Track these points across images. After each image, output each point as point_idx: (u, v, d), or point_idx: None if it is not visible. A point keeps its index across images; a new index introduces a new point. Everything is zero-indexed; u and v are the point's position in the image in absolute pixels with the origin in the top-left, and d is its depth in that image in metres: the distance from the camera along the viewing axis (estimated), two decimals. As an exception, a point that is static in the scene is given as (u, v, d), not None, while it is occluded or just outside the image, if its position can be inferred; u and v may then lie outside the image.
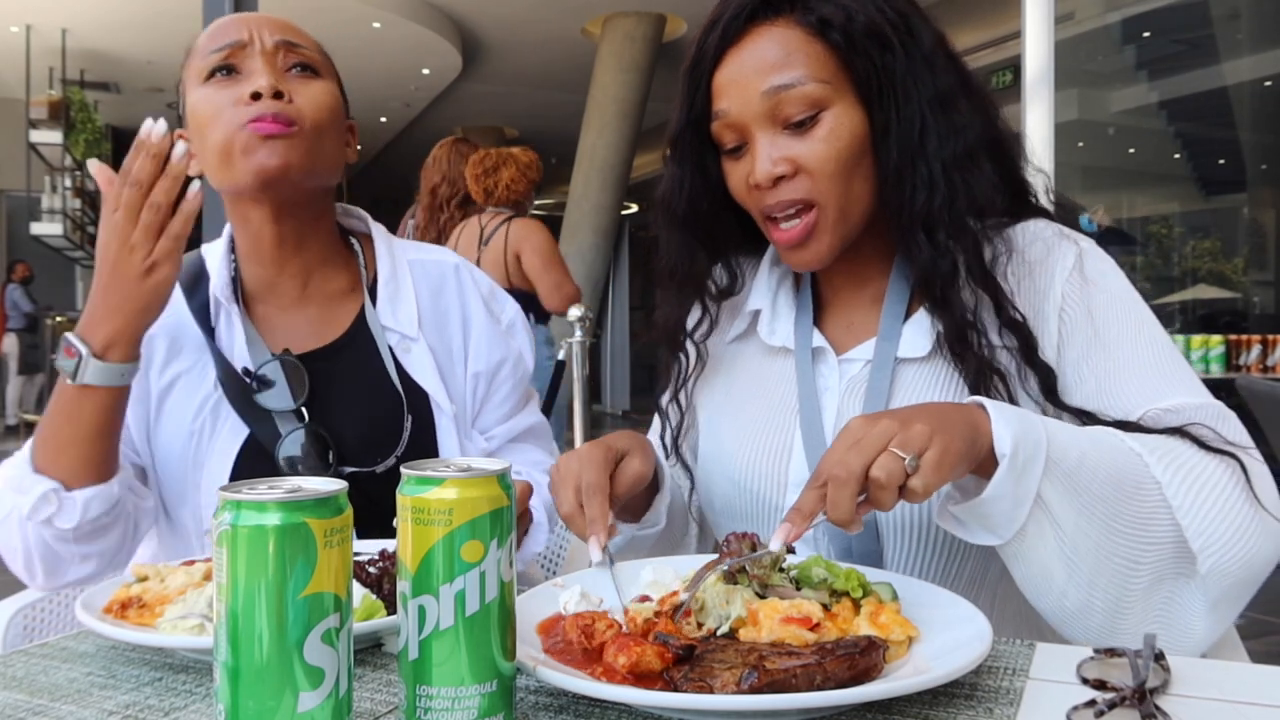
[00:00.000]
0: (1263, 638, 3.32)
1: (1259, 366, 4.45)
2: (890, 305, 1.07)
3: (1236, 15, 6.95)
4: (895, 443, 0.76)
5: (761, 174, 1.00)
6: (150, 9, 9.36)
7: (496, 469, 0.63)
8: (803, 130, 0.99)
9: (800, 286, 1.17)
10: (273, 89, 1.14)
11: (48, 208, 10.89)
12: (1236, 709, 0.67)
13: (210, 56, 1.17)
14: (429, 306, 1.29)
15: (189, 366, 1.21)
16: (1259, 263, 7.86)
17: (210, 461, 1.17)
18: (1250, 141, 7.35)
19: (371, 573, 0.88)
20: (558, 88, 11.15)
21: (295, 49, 1.19)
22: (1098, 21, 6.75)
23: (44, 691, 0.73)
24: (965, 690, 0.69)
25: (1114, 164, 7.98)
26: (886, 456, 0.76)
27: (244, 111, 1.13)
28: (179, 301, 1.23)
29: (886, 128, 0.99)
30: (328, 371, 1.22)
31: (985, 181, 1.01)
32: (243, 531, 0.55)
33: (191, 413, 1.19)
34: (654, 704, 0.65)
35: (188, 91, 1.20)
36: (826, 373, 1.09)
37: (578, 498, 0.91)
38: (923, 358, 1.03)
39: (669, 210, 1.12)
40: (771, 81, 0.99)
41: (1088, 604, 0.86)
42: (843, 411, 1.06)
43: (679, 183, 1.10)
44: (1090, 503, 0.83)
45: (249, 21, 1.19)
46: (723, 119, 1.02)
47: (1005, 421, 0.81)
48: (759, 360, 1.16)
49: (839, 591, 0.79)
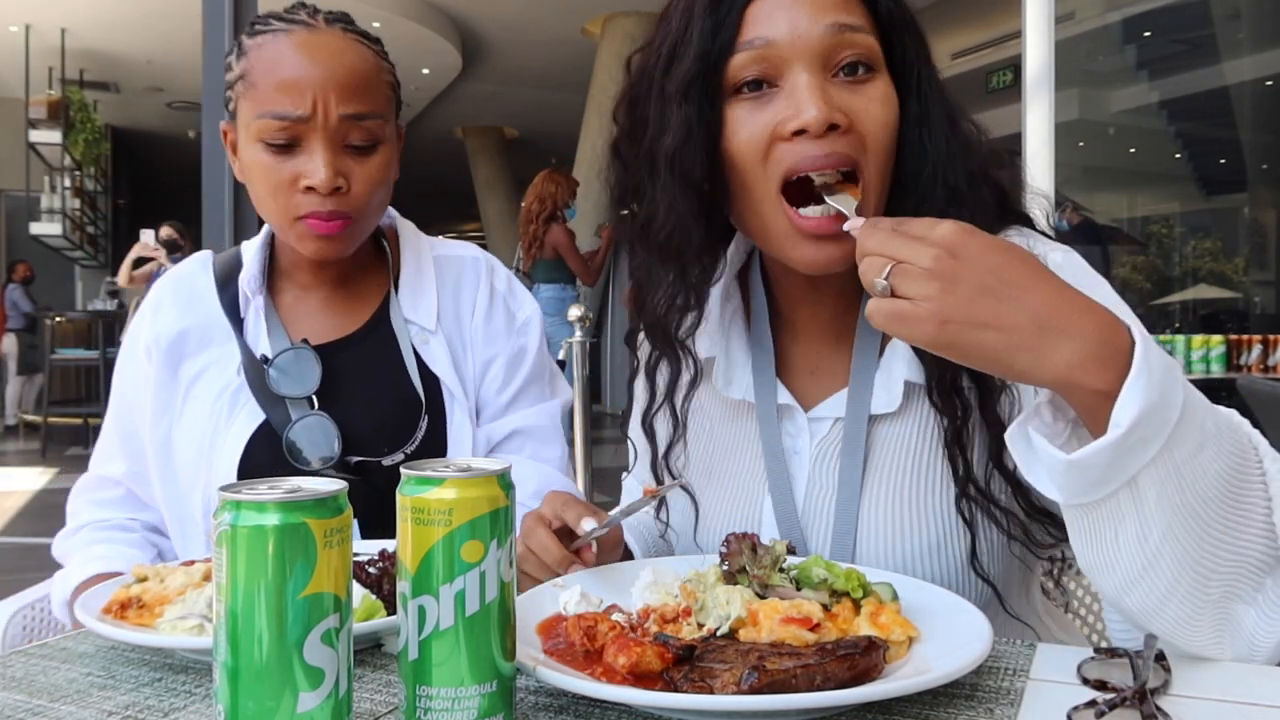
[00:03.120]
0: (1263, 638, 3.30)
1: (1259, 366, 4.45)
2: (862, 348, 0.96)
3: (1237, 15, 6.95)
4: (912, 270, 0.67)
5: (816, 115, 0.82)
6: (150, 9, 9.35)
7: (496, 469, 0.63)
8: (856, 83, 0.86)
9: (753, 327, 1.03)
10: (331, 185, 1.13)
11: (47, 207, 10.88)
12: (1236, 709, 0.67)
13: (270, 122, 1.13)
14: (449, 299, 1.31)
15: (217, 358, 1.25)
16: (1259, 263, 7.86)
17: (224, 444, 1.20)
18: (1251, 141, 7.34)
19: (371, 573, 0.88)
20: (558, 88, 11.14)
21: (359, 123, 1.15)
22: (1098, 21, 6.75)
23: (43, 692, 0.73)
24: (965, 690, 0.69)
25: (1114, 164, 7.98)
26: (890, 267, 0.67)
27: (300, 201, 1.15)
28: (210, 295, 1.28)
29: (920, 121, 0.90)
30: (347, 361, 1.25)
31: (990, 204, 0.94)
32: (242, 531, 0.55)
33: (212, 398, 1.23)
34: (654, 704, 0.65)
35: (241, 123, 1.18)
36: (795, 433, 0.99)
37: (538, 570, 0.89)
38: (894, 413, 0.94)
39: (678, 163, 0.90)
40: (835, 17, 0.85)
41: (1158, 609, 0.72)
42: (814, 478, 0.97)
43: (688, 130, 0.89)
44: (1190, 500, 0.68)
45: (315, 87, 1.13)
46: (758, 48, 0.85)
47: (1142, 385, 0.64)
48: (718, 415, 1.05)
49: (839, 591, 0.78)
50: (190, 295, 1.30)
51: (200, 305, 1.28)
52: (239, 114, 1.19)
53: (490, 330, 1.31)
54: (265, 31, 1.17)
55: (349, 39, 1.18)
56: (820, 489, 0.98)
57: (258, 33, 1.18)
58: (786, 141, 0.85)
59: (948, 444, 0.91)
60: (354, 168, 1.17)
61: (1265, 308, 7.72)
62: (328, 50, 1.15)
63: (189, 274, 1.33)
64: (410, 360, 1.25)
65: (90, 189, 11.76)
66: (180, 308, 1.29)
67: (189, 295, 1.30)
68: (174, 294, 1.31)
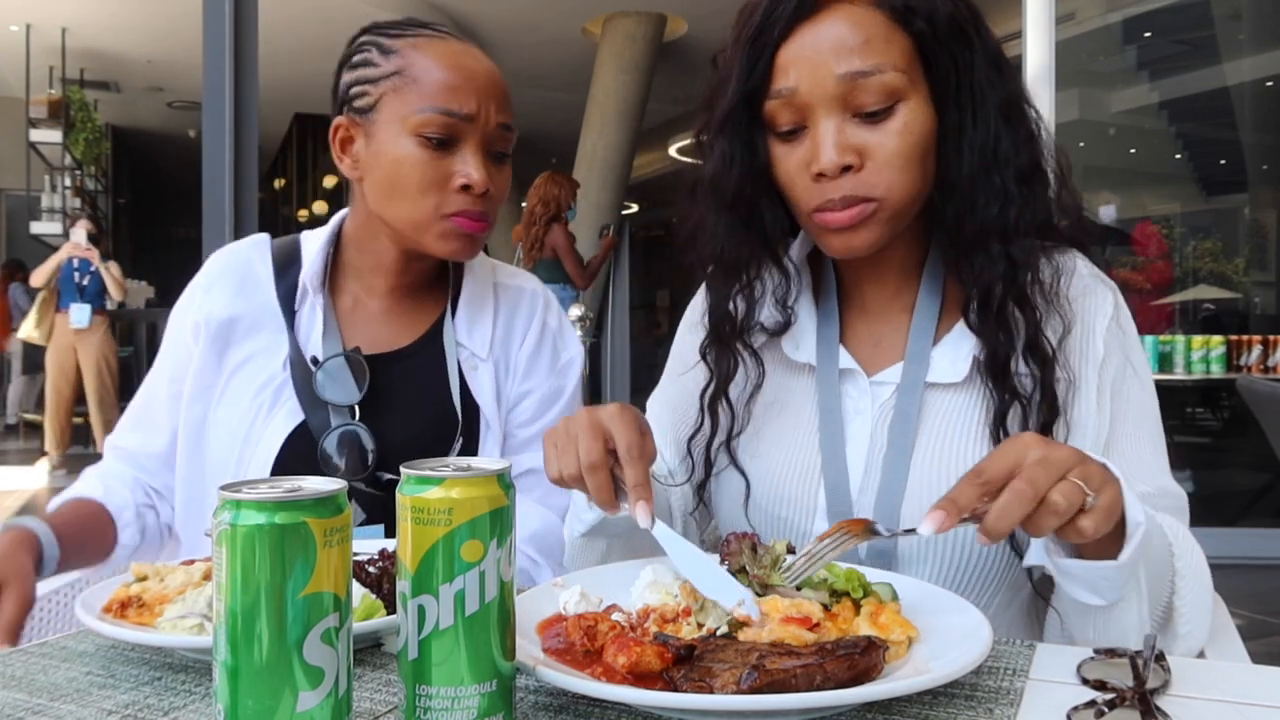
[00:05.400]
0: (1263, 638, 3.31)
1: (1259, 367, 4.46)
2: (919, 322, 1.03)
3: (1238, 15, 6.95)
4: (1077, 474, 0.72)
5: (828, 162, 0.93)
6: (150, 9, 9.34)
7: (496, 468, 0.63)
8: (875, 121, 0.93)
9: (822, 296, 1.10)
10: (485, 185, 1.16)
11: (47, 207, 10.87)
12: (1236, 709, 0.67)
13: (435, 116, 1.14)
14: (502, 328, 1.32)
15: (264, 347, 1.24)
16: (1260, 263, 7.86)
17: (261, 441, 1.20)
18: (1251, 142, 7.34)
19: (371, 572, 0.88)
20: (558, 88, 11.13)
21: (507, 134, 1.20)
22: (1098, 22, 6.74)
23: (43, 691, 0.73)
24: (965, 690, 0.69)
25: (1115, 164, 7.97)
26: (1069, 484, 0.72)
27: (452, 199, 1.16)
28: (267, 283, 1.27)
29: (960, 129, 0.95)
30: (393, 375, 1.24)
31: (1047, 198, 0.98)
32: (242, 531, 0.55)
33: (255, 389, 1.22)
34: (654, 704, 0.65)
35: (386, 118, 1.17)
36: (857, 395, 1.04)
37: (604, 453, 0.84)
38: (957, 384, 1.00)
39: (719, 191, 1.02)
40: (849, 65, 0.92)
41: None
42: (876, 437, 1.02)
43: (729, 161, 1.00)
44: (1150, 578, 0.83)
45: (481, 91, 1.17)
46: (785, 98, 0.95)
47: (1130, 491, 0.77)
48: (780, 375, 1.10)
49: (839, 591, 0.79)
50: (246, 280, 1.28)
51: (256, 292, 1.26)
52: (382, 109, 1.17)
53: (533, 364, 1.32)
54: (409, 36, 1.19)
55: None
56: (874, 450, 1.02)
57: (401, 35, 1.19)
58: (813, 181, 0.95)
59: (993, 421, 0.96)
60: (496, 174, 1.19)
61: (1265, 308, 7.72)
62: (484, 63, 1.21)
63: (246, 257, 1.30)
64: (455, 383, 1.25)
65: (91, 188, 11.74)
66: (234, 291, 1.27)
67: (245, 280, 1.28)
68: (230, 275, 1.29)
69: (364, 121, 1.20)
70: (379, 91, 1.18)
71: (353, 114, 1.21)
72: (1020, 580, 1.00)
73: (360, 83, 1.20)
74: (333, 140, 1.23)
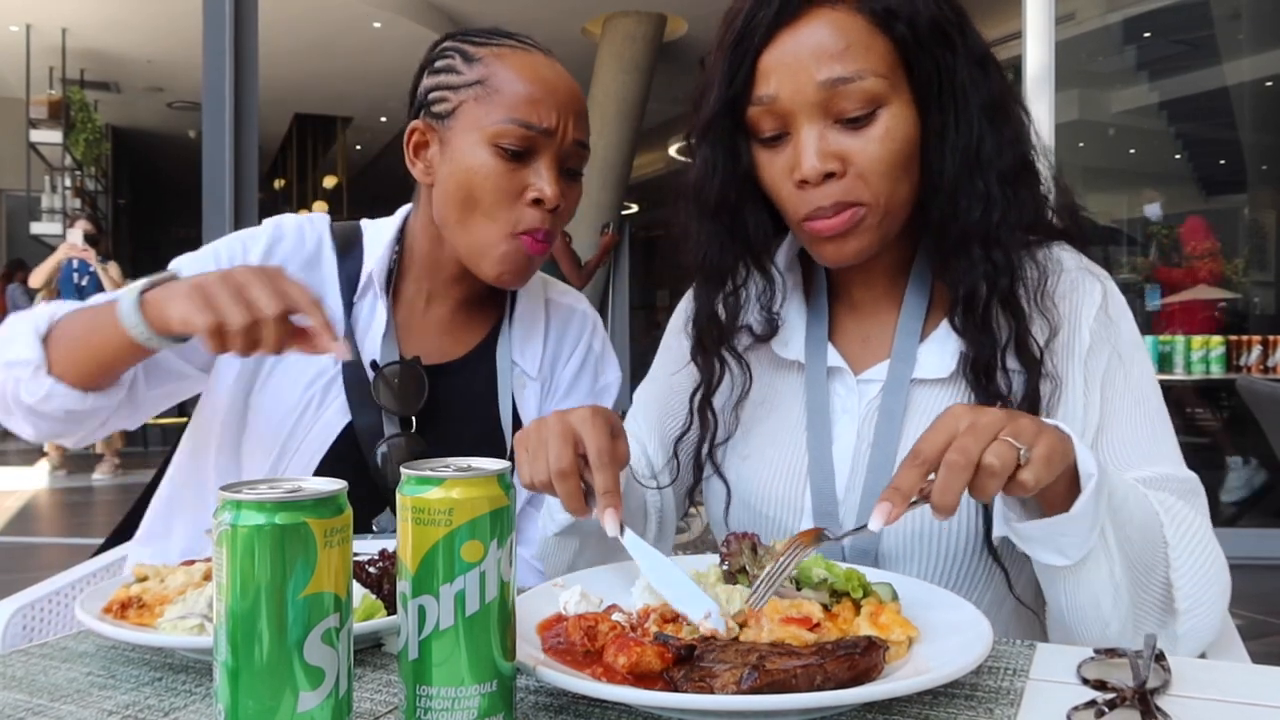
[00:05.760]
0: (1263, 638, 3.31)
1: (1259, 367, 4.46)
2: (906, 321, 1.03)
3: (1237, 15, 6.95)
4: (1007, 432, 0.73)
5: (809, 169, 0.93)
6: (150, 9, 9.35)
7: (497, 469, 0.63)
8: (856, 127, 0.93)
9: (812, 295, 1.10)
10: (556, 200, 1.14)
11: (47, 207, 10.87)
12: (1236, 709, 0.67)
13: (514, 128, 1.13)
14: (552, 346, 1.31)
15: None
16: (1259, 264, 7.86)
17: (305, 442, 1.17)
18: (1251, 142, 7.34)
19: (371, 573, 0.88)
20: (558, 88, 11.14)
21: (582, 151, 1.18)
22: (1098, 22, 6.74)
23: (43, 691, 0.73)
24: (965, 690, 0.69)
25: (1114, 164, 7.97)
26: (1000, 444, 0.73)
27: (522, 215, 1.14)
28: (331, 267, 1.23)
29: (943, 132, 0.95)
30: (444, 387, 1.22)
31: (1034, 198, 0.98)
32: (242, 531, 0.55)
33: (305, 381, 1.18)
34: (654, 704, 0.65)
35: (464, 126, 1.14)
36: (844, 393, 1.05)
37: (574, 459, 0.83)
38: (943, 380, 1.00)
39: (700, 198, 1.02)
40: (830, 72, 0.91)
41: (1129, 632, 0.86)
42: (863, 435, 1.02)
43: (711, 168, 1.01)
44: (1124, 540, 0.83)
45: (562, 105, 1.15)
46: (766, 104, 0.94)
47: (1082, 444, 0.79)
48: (768, 373, 1.11)
49: (839, 591, 0.79)
50: (312, 257, 1.24)
51: (318, 272, 1.22)
52: (461, 116, 1.15)
53: (574, 386, 1.32)
54: (494, 45, 1.17)
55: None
56: (860, 448, 1.02)
57: (486, 44, 1.17)
58: (798, 188, 0.95)
59: None
60: (567, 191, 1.17)
61: (1265, 308, 7.72)
62: (566, 78, 1.18)
63: (312, 233, 1.26)
64: (505, 401, 1.24)
65: (91, 189, 11.74)
66: (298, 264, 1.22)
67: (311, 256, 1.24)
68: (297, 245, 1.23)
69: (440, 127, 1.18)
70: (459, 99, 1.16)
71: (430, 119, 1.19)
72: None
73: (441, 88, 1.18)
74: (406, 144, 1.21)
